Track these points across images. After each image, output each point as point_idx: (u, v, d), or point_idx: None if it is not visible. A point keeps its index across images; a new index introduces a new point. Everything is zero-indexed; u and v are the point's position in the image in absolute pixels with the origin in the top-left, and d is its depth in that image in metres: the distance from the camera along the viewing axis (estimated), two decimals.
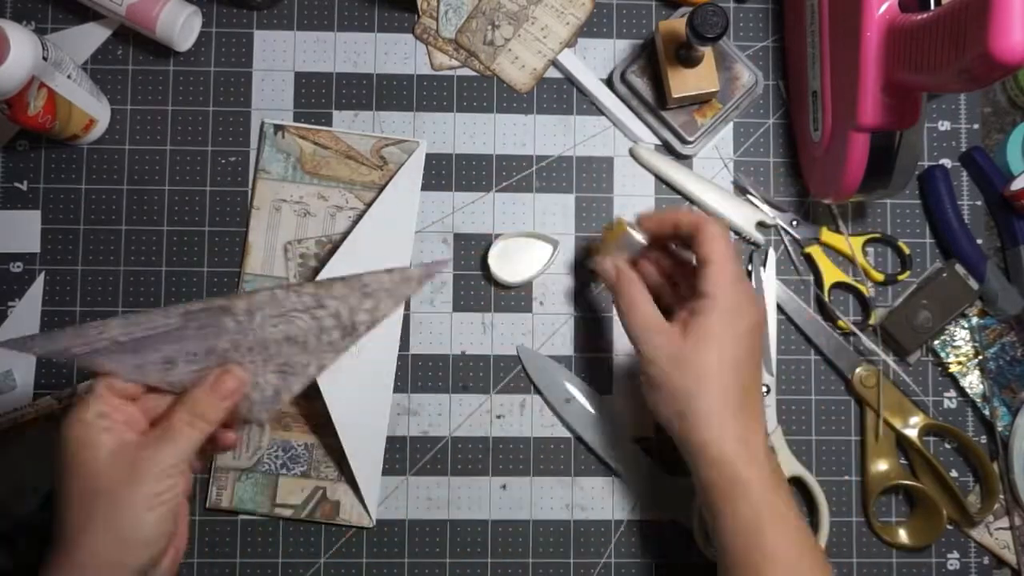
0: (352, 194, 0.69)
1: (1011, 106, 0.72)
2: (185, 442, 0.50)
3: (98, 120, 0.69)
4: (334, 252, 0.66)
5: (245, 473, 0.68)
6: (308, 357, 0.53)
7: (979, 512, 0.67)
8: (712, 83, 0.67)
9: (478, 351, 0.70)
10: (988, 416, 0.69)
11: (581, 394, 0.69)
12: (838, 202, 0.67)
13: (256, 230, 0.69)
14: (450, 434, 0.69)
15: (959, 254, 0.69)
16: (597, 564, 0.68)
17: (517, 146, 0.71)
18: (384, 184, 0.69)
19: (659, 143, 0.71)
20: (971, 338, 0.70)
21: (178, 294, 0.69)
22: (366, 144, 0.70)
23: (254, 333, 0.52)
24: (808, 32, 0.66)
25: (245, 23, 0.71)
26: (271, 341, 0.52)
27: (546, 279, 0.70)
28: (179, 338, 0.51)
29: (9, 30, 0.58)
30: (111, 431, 0.49)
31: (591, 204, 0.71)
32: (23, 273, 0.69)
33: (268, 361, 0.53)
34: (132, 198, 0.70)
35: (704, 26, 0.61)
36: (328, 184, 0.69)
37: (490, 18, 0.71)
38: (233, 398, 0.52)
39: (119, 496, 0.48)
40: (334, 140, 0.70)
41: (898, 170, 0.62)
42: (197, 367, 0.52)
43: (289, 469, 0.68)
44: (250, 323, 0.52)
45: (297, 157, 0.70)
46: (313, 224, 0.70)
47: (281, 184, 0.70)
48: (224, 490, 0.68)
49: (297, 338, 0.52)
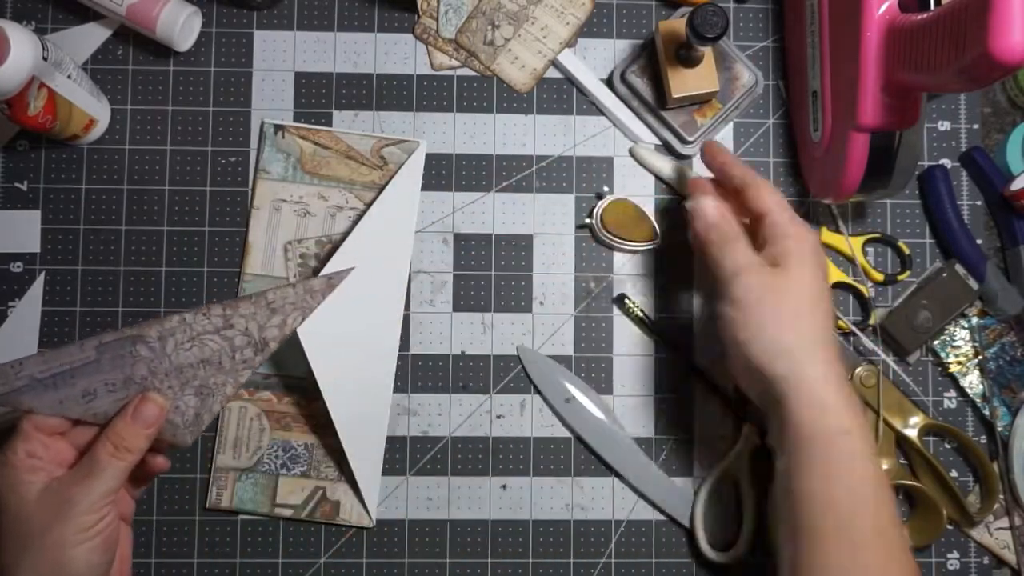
0: (352, 194, 0.69)
1: (1011, 106, 0.72)
2: (111, 474, 0.50)
3: (98, 120, 0.69)
4: (334, 252, 0.66)
5: (245, 473, 0.68)
6: (224, 377, 0.55)
7: (979, 512, 0.67)
8: (712, 83, 0.67)
9: (478, 351, 0.70)
10: (988, 416, 0.69)
11: (581, 394, 0.69)
12: (838, 202, 0.67)
13: (256, 230, 0.69)
14: (450, 434, 0.69)
15: (959, 254, 0.69)
16: (597, 564, 0.68)
17: (517, 146, 0.71)
18: (384, 184, 0.69)
19: (659, 143, 0.71)
20: (971, 338, 0.70)
21: (178, 294, 0.69)
22: (366, 144, 0.70)
23: (168, 359, 0.54)
24: (808, 32, 0.66)
25: (245, 23, 0.71)
26: (186, 365, 0.54)
27: (546, 279, 0.70)
28: (96, 370, 0.53)
29: (9, 30, 0.57)
30: (39, 471, 0.50)
31: (591, 204, 0.71)
32: (23, 273, 0.69)
33: (186, 384, 0.55)
34: (132, 198, 0.70)
35: (704, 26, 0.61)
36: (328, 184, 0.69)
37: (490, 18, 0.71)
38: (155, 425, 0.53)
39: (48, 535, 0.48)
40: (334, 140, 0.70)
41: (898, 170, 0.62)
42: (118, 396, 0.53)
43: (289, 469, 0.68)
44: (163, 349, 0.54)
45: (297, 157, 0.70)
46: (313, 224, 0.69)
47: (281, 184, 0.70)
48: (224, 490, 0.68)
49: (211, 359, 0.55)
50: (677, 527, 0.69)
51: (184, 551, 0.68)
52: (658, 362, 0.70)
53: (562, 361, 0.70)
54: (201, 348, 0.54)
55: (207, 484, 0.68)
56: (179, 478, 0.68)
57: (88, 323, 0.69)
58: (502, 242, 0.70)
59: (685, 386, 0.70)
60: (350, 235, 0.67)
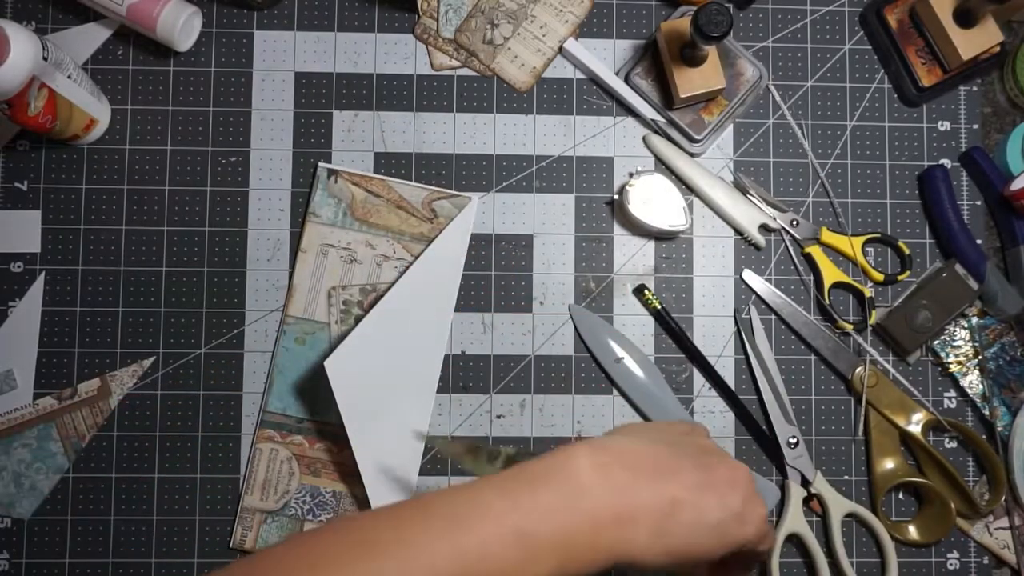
0: (400, 244, 0.69)
1: (1011, 106, 0.72)
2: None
3: (98, 120, 0.69)
4: (377, 301, 0.67)
5: (271, 516, 0.67)
6: None
7: (988, 503, 0.67)
8: (718, 80, 0.67)
9: (478, 351, 0.70)
10: (988, 416, 0.69)
11: (630, 356, 0.69)
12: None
13: (301, 273, 0.69)
14: (451, 434, 0.69)
15: (959, 254, 0.69)
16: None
17: (517, 146, 0.71)
18: (433, 237, 0.69)
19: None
20: (971, 338, 0.70)
21: (178, 294, 0.69)
22: (418, 195, 0.69)
23: None
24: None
25: (245, 23, 0.71)
26: None
27: (546, 279, 0.70)
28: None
29: (9, 30, 0.57)
30: None
31: (591, 204, 0.71)
32: (23, 273, 0.69)
33: None
34: (132, 198, 0.70)
35: (709, 25, 0.61)
36: (377, 233, 0.69)
37: (489, 17, 0.71)
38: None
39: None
40: (386, 189, 0.69)
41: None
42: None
43: (316, 515, 0.68)
44: None
45: (348, 203, 0.69)
46: (359, 271, 0.69)
47: (330, 229, 0.69)
48: (249, 531, 0.67)
49: None
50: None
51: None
52: (657, 362, 0.70)
53: (562, 361, 0.70)
54: None
55: (232, 524, 0.67)
56: (208, 519, 0.68)
57: (88, 323, 0.69)
58: (502, 242, 0.70)
59: (689, 386, 0.70)
60: (395, 285, 0.67)
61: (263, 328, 0.69)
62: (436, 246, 0.69)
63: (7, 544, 0.67)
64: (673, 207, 0.68)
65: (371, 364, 0.66)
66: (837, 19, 0.72)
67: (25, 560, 0.67)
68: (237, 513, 0.68)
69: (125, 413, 0.68)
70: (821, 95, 0.72)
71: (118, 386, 0.68)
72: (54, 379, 0.68)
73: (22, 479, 0.67)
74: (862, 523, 0.68)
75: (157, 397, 0.68)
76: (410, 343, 0.68)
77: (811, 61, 0.72)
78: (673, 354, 0.70)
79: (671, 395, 0.69)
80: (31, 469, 0.67)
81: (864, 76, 0.72)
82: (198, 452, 0.68)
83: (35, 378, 0.68)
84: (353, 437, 0.65)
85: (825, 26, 0.72)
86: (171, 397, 0.68)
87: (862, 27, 0.72)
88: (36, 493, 0.67)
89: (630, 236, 0.71)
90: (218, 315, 0.69)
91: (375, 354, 0.66)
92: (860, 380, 0.69)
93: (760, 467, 0.69)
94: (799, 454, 0.68)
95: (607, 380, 0.69)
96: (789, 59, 0.72)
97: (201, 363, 0.69)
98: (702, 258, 0.71)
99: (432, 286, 0.68)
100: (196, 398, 0.68)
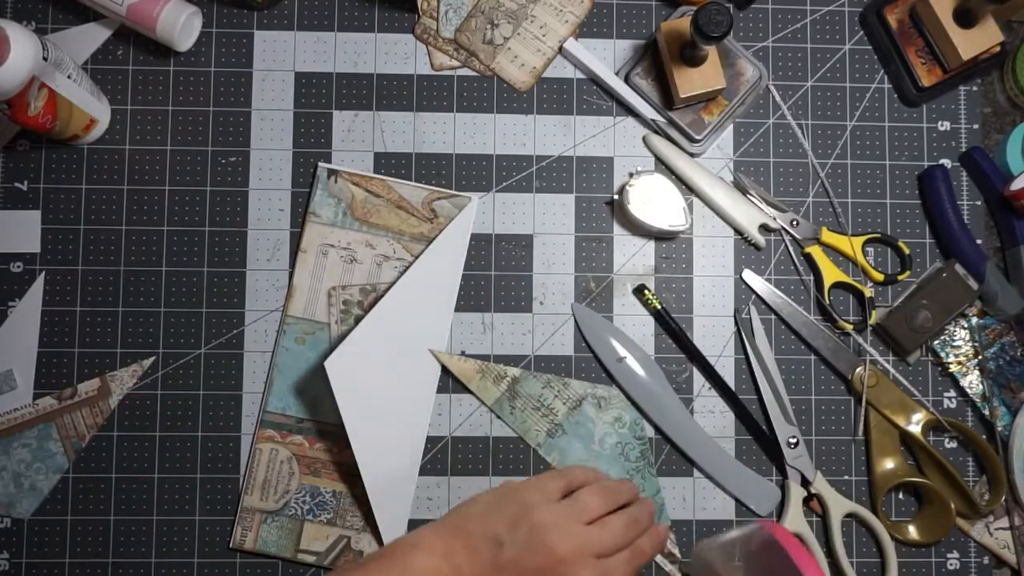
0: (400, 244, 0.69)
1: (1011, 106, 0.72)
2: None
3: (98, 120, 0.69)
4: (377, 301, 0.67)
5: (271, 516, 0.67)
6: None
7: (988, 504, 0.67)
8: (718, 80, 0.67)
9: (478, 351, 0.70)
10: (988, 416, 0.69)
11: (632, 356, 0.69)
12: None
13: (301, 273, 0.69)
14: (450, 434, 0.69)
15: (959, 254, 0.69)
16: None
17: (517, 146, 0.71)
18: (433, 237, 0.69)
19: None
20: (971, 338, 0.70)
21: (178, 294, 0.69)
22: (418, 195, 0.69)
23: None
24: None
25: (245, 23, 0.71)
26: None
27: (546, 279, 0.70)
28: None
29: (9, 30, 0.57)
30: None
31: (591, 204, 0.71)
32: (23, 273, 0.69)
33: None
34: (132, 198, 0.70)
35: (709, 25, 0.61)
36: (377, 233, 0.69)
37: (489, 17, 0.71)
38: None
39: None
40: (386, 189, 0.69)
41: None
42: None
43: (316, 515, 0.67)
44: None
45: (348, 203, 0.69)
46: (359, 271, 0.69)
47: (330, 229, 0.69)
48: (249, 531, 0.67)
49: None
50: (676, 526, 0.69)
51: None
52: (657, 362, 0.70)
53: (562, 361, 0.70)
54: None
55: (232, 524, 0.67)
56: (208, 519, 0.68)
57: (88, 323, 0.69)
58: (502, 242, 0.70)
59: (689, 386, 0.70)
60: (395, 285, 0.67)
61: (263, 328, 0.69)
62: (436, 246, 0.69)
63: (7, 544, 0.67)
64: (673, 207, 0.68)
65: (371, 364, 0.66)
66: (837, 19, 0.73)
67: (25, 560, 0.67)
68: (237, 513, 0.67)
69: (125, 413, 0.68)
70: (821, 95, 0.72)
71: (118, 386, 0.68)
72: (54, 379, 0.68)
73: (22, 479, 0.67)
74: (862, 523, 0.68)
75: (157, 397, 0.68)
76: (410, 343, 0.68)
77: (811, 61, 0.72)
78: (673, 354, 0.70)
79: (673, 395, 0.69)
80: (31, 469, 0.67)
81: (864, 76, 0.72)
82: (198, 452, 0.68)
83: (35, 378, 0.68)
84: (353, 437, 0.65)
85: (825, 26, 0.72)
86: (171, 397, 0.68)
87: (862, 27, 0.73)
88: (36, 493, 0.67)
89: (630, 236, 0.71)
90: (218, 315, 0.69)
91: (375, 354, 0.66)
92: (860, 380, 0.69)
93: (760, 467, 0.69)
94: (799, 454, 0.68)
95: (608, 379, 0.69)
96: (789, 59, 0.72)
97: (201, 363, 0.69)
98: (702, 258, 0.71)
99: (432, 286, 0.68)
100: (196, 398, 0.68)
